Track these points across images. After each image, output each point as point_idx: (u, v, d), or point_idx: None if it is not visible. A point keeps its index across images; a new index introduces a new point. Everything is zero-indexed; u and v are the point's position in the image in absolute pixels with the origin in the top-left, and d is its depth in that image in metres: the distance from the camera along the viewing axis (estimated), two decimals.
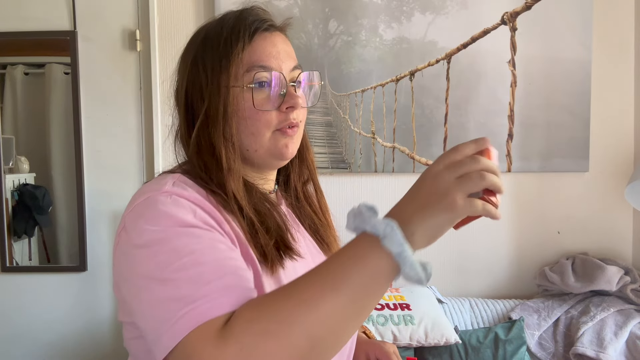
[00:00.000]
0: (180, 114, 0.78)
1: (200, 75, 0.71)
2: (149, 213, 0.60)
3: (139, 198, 0.64)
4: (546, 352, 1.69)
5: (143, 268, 0.57)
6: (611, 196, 1.98)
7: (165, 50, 1.94)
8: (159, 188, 0.63)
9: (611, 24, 1.95)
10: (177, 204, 0.60)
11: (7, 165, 1.95)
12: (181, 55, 0.78)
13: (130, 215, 0.63)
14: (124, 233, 0.62)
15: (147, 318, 0.55)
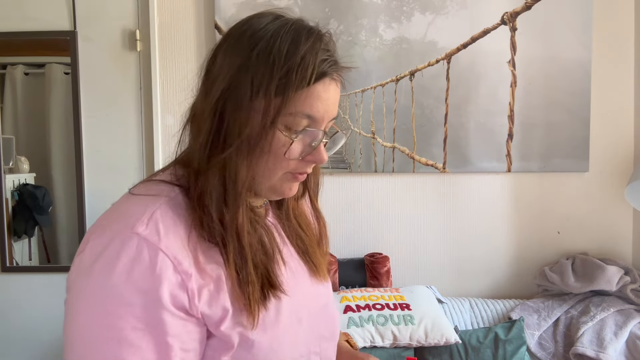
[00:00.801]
0: (207, 118, 0.61)
1: (245, 89, 0.59)
2: (107, 261, 0.53)
3: (112, 222, 0.57)
4: (546, 352, 1.69)
5: (81, 332, 0.53)
6: (611, 196, 1.98)
7: (165, 50, 1.94)
8: (131, 224, 0.56)
9: (611, 24, 1.95)
10: (142, 266, 0.54)
11: (7, 165, 1.95)
12: (223, 47, 0.64)
13: (95, 242, 0.56)
14: (81, 255, 0.56)
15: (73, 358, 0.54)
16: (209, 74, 0.65)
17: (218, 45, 0.65)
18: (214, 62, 0.64)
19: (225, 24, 1.90)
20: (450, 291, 1.98)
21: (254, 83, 0.59)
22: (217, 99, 0.61)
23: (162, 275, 0.54)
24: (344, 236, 1.97)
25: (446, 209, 1.98)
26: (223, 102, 0.60)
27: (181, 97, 1.95)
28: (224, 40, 0.64)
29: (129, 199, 0.61)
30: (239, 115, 0.59)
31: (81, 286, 0.54)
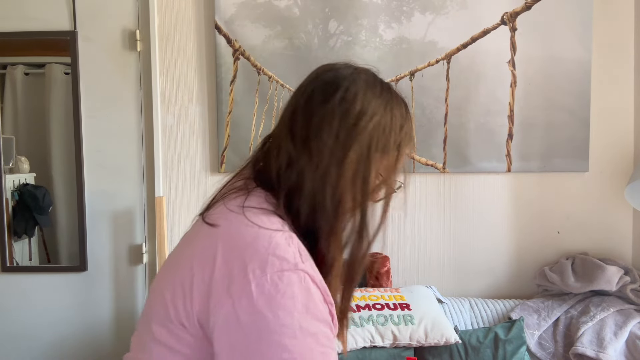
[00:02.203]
0: (347, 171, 0.66)
1: (374, 147, 0.69)
2: (285, 300, 0.57)
3: (268, 265, 0.58)
4: (546, 352, 1.69)
5: (272, 355, 0.56)
6: (611, 196, 1.98)
7: (165, 50, 1.94)
8: (292, 261, 0.59)
9: (611, 24, 1.95)
10: (310, 298, 0.59)
11: (7, 165, 1.95)
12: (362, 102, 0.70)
13: (261, 284, 0.57)
14: (247, 302, 0.57)
15: None
16: (335, 133, 0.67)
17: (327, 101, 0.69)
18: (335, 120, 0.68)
19: (225, 24, 1.90)
20: (450, 291, 1.98)
21: (381, 146, 0.68)
22: (351, 155, 0.66)
23: (323, 305, 0.61)
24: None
25: (446, 209, 1.98)
26: (356, 157, 0.67)
27: (181, 97, 1.96)
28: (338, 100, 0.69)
29: (258, 232, 0.62)
30: (369, 169, 0.68)
31: (263, 326, 0.56)
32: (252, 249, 0.60)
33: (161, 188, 1.94)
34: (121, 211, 1.96)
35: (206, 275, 0.60)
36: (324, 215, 0.66)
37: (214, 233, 0.64)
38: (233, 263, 0.59)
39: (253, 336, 0.56)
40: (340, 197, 0.66)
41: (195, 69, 1.95)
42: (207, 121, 1.96)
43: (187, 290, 0.61)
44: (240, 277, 0.58)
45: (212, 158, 1.96)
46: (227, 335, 0.57)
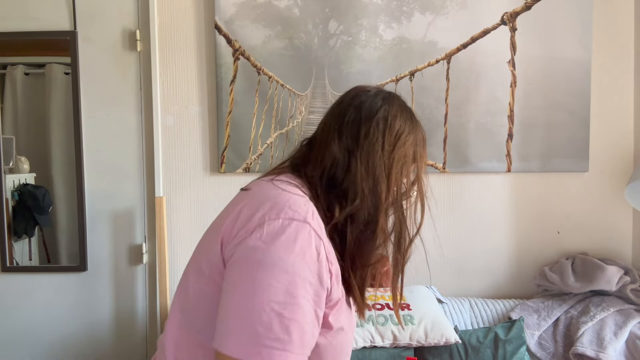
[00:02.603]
0: (383, 180, 0.81)
1: (409, 158, 0.84)
2: (288, 241, 0.68)
3: (282, 212, 0.70)
4: (546, 352, 1.69)
5: (262, 284, 0.66)
6: (611, 196, 1.98)
7: (165, 50, 1.94)
8: (303, 215, 0.71)
9: (611, 24, 1.95)
10: (310, 248, 0.69)
11: (7, 165, 1.95)
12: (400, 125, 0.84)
13: (272, 224, 0.69)
14: (257, 235, 0.68)
15: (240, 321, 0.65)
16: (368, 147, 0.82)
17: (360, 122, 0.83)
18: (368, 137, 0.82)
19: (225, 24, 1.90)
20: (450, 291, 1.98)
21: (409, 157, 0.84)
22: (391, 165, 0.82)
23: (322, 261, 0.70)
24: None
25: (446, 209, 1.98)
26: (387, 169, 0.82)
27: (181, 97, 1.96)
28: (368, 119, 0.83)
29: (284, 193, 0.74)
30: (400, 177, 0.83)
31: (263, 255, 0.67)
32: (272, 200, 0.72)
33: (161, 188, 1.94)
34: (121, 211, 1.96)
35: (232, 221, 0.72)
36: (375, 211, 0.80)
37: (244, 194, 0.79)
38: (254, 209, 0.72)
39: (254, 261, 0.67)
40: (386, 196, 0.80)
41: (195, 69, 1.95)
42: (207, 121, 1.96)
43: (217, 236, 0.73)
44: (257, 218, 0.70)
45: (212, 158, 1.96)
46: (236, 261, 0.69)
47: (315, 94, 1.93)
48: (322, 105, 1.93)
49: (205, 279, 0.74)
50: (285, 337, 0.65)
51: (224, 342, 0.65)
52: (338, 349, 0.78)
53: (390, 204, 0.82)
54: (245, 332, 0.64)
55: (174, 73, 1.95)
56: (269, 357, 0.63)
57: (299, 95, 1.93)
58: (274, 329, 0.64)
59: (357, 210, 0.79)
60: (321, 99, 1.93)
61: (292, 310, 0.66)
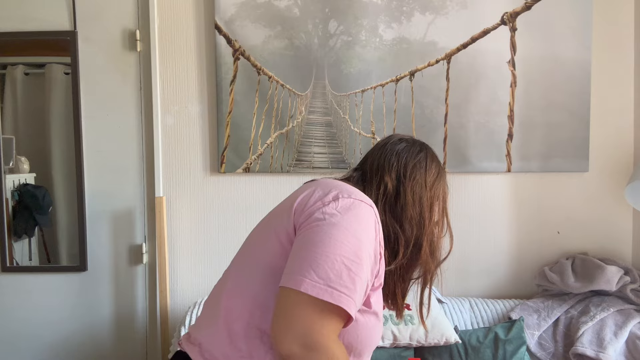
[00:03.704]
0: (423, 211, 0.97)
1: (440, 196, 1.02)
2: (357, 215, 0.80)
3: (352, 194, 0.83)
4: (546, 352, 1.69)
5: (336, 241, 0.76)
6: (611, 196, 1.98)
7: (165, 50, 1.94)
8: (369, 202, 0.84)
9: (611, 24, 1.95)
10: (372, 227, 0.81)
11: (7, 165, 1.95)
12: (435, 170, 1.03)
13: (344, 201, 0.81)
14: (333, 206, 0.80)
15: (315, 264, 0.74)
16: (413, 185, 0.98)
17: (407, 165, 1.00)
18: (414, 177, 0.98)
19: (225, 24, 1.90)
20: (450, 291, 1.98)
21: (440, 192, 1.02)
22: (432, 197, 0.99)
23: (379, 241, 0.83)
24: None
25: None
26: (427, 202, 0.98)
27: (181, 97, 1.96)
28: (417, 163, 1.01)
29: (350, 186, 0.87)
30: (434, 208, 0.99)
31: (338, 220, 0.78)
32: (344, 187, 0.85)
33: (161, 188, 1.94)
34: (121, 211, 1.96)
35: (306, 197, 0.83)
36: (420, 234, 0.95)
37: (311, 183, 0.89)
38: (329, 189, 0.83)
39: (329, 223, 0.78)
40: (428, 222, 0.96)
41: (195, 69, 1.95)
42: (207, 121, 1.96)
43: (288, 210, 0.84)
44: (332, 195, 0.82)
45: (212, 158, 1.96)
46: (311, 222, 0.79)
47: (315, 94, 1.93)
48: (322, 105, 1.93)
49: (271, 242, 0.83)
50: (351, 286, 0.74)
51: (299, 281, 0.73)
52: (372, 331, 0.86)
53: (431, 230, 0.98)
54: (319, 275, 0.73)
55: (174, 73, 1.95)
56: (338, 298, 0.73)
57: (299, 95, 1.93)
58: (343, 277, 0.74)
59: (408, 230, 0.93)
60: (321, 99, 1.93)
61: (357, 268, 0.76)
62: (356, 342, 0.84)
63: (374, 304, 0.85)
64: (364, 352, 0.87)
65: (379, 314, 0.88)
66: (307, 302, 0.72)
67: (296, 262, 0.76)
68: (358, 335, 0.83)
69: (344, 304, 0.73)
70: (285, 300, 0.74)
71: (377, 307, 0.87)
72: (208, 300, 0.93)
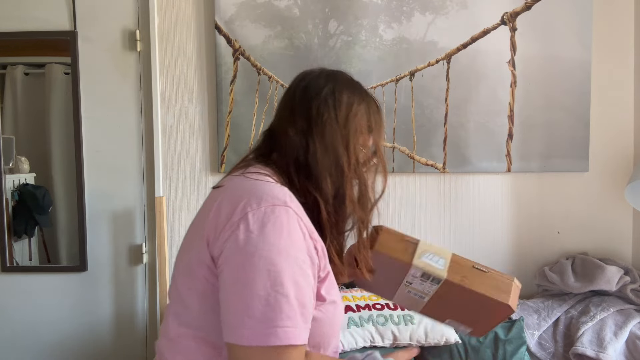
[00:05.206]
0: (343, 154, 0.84)
1: (364, 129, 0.89)
2: (275, 227, 0.71)
3: (262, 200, 0.72)
4: (546, 352, 1.69)
5: (262, 272, 0.68)
6: (611, 196, 1.98)
7: (165, 50, 1.94)
8: (282, 199, 0.73)
9: (611, 24, 1.95)
10: (296, 229, 0.72)
11: (7, 165, 1.95)
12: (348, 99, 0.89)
13: (256, 214, 0.71)
14: (245, 228, 0.70)
15: (249, 311, 0.67)
16: (322, 123, 0.84)
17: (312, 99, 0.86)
18: (324, 114, 0.84)
19: (225, 24, 1.90)
20: None
21: (364, 128, 0.89)
22: (341, 140, 0.84)
23: (308, 239, 0.74)
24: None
25: (446, 209, 1.98)
26: (345, 143, 0.84)
27: (181, 97, 1.96)
28: (324, 97, 0.86)
29: (260, 183, 0.77)
30: (358, 149, 0.85)
31: (255, 245, 0.69)
32: (250, 191, 0.75)
33: (161, 188, 1.94)
34: (121, 211, 1.96)
35: (214, 218, 0.74)
36: (341, 183, 0.82)
37: (218, 191, 0.80)
38: (235, 203, 0.73)
39: (249, 252, 0.69)
40: (347, 168, 0.83)
41: (195, 69, 1.95)
42: (207, 121, 1.96)
43: (201, 236, 0.75)
44: (240, 210, 0.72)
45: (212, 158, 1.96)
46: (229, 256, 0.70)
47: None
48: None
49: (196, 279, 0.75)
50: (293, 314, 0.68)
51: (239, 334, 0.67)
52: (333, 321, 0.82)
53: (354, 174, 0.85)
54: (257, 320, 0.67)
55: (174, 73, 1.95)
56: (285, 336, 0.67)
57: None
58: (283, 309, 0.67)
59: (325, 186, 0.81)
60: None
61: (294, 290, 0.69)
62: (322, 338, 0.80)
63: (328, 295, 0.80)
64: (331, 340, 0.84)
65: (336, 299, 0.82)
66: (256, 353, 0.67)
67: (230, 311, 0.69)
68: (323, 332, 0.80)
69: (292, 339, 0.67)
70: (235, 357, 0.68)
71: (332, 295, 0.81)
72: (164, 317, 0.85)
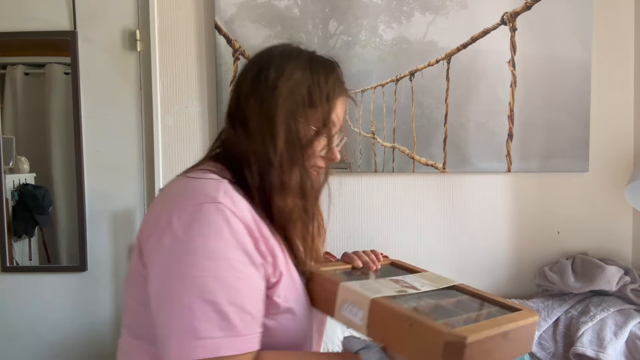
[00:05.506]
0: (280, 131, 0.74)
1: (301, 103, 0.76)
2: (202, 227, 0.65)
3: (190, 199, 0.67)
4: (546, 352, 1.69)
5: (187, 279, 0.63)
6: (611, 196, 1.98)
7: (165, 50, 1.94)
8: (212, 195, 0.67)
9: (611, 23, 1.95)
10: (227, 226, 0.66)
11: (7, 165, 1.95)
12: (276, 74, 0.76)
13: (181, 215, 0.66)
14: (169, 230, 0.65)
15: (174, 322, 0.63)
16: (262, 97, 0.76)
17: (260, 72, 0.77)
18: (265, 87, 0.75)
19: (225, 24, 1.90)
20: None
21: (307, 100, 0.76)
22: (279, 116, 0.74)
23: (243, 236, 0.67)
24: (344, 236, 1.98)
25: (446, 209, 1.98)
26: (285, 118, 0.74)
27: (181, 97, 1.96)
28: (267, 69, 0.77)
29: (193, 181, 0.71)
30: (299, 125, 0.75)
31: (180, 249, 0.64)
32: (179, 191, 0.70)
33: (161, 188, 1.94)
34: (121, 211, 1.96)
35: (145, 223, 0.71)
36: (273, 173, 0.74)
37: (159, 195, 0.76)
38: (161, 206, 0.70)
39: (174, 257, 0.64)
40: (281, 153, 0.74)
41: (195, 69, 1.95)
42: (207, 121, 1.96)
43: (137, 243, 0.72)
44: (166, 212, 0.67)
45: None
46: (154, 264, 0.67)
47: None
48: None
49: (137, 289, 0.71)
50: (225, 324, 0.62)
51: (167, 349, 0.62)
52: (291, 332, 0.75)
53: (285, 158, 0.74)
54: (184, 332, 0.61)
55: (174, 73, 1.95)
56: (215, 348, 0.61)
57: None
58: (212, 319, 0.62)
59: (254, 175, 0.74)
60: None
61: (226, 295, 0.63)
62: (283, 345, 0.74)
63: (283, 301, 0.72)
64: (299, 348, 0.78)
65: (294, 308, 0.74)
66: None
67: (157, 324, 0.65)
68: (278, 343, 0.73)
69: (224, 350, 0.61)
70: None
71: (288, 302, 0.73)
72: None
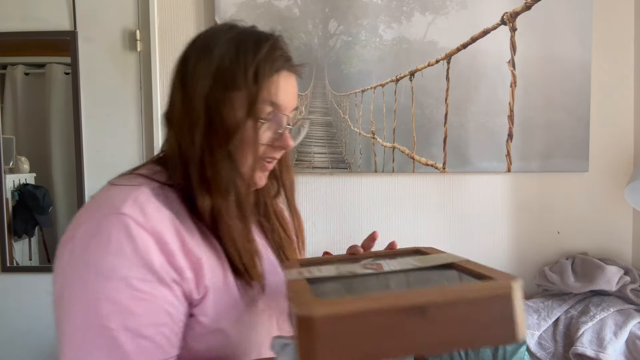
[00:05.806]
0: (199, 118, 0.66)
1: (223, 86, 0.67)
2: (100, 242, 0.58)
3: (95, 210, 0.62)
4: (546, 352, 1.69)
5: (79, 302, 0.58)
6: (611, 196, 1.98)
7: (165, 50, 1.94)
8: (117, 206, 0.60)
9: (611, 23, 1.95)
10: (129, 240, 0.59)
11: (7, 165, 1.95)
12: (193, 57, 0.69)
13: (85, 229, 0.60)
14: (70, 245, 0.61)
15: (64, 350, 0.58)
16: (184, 83, 0.69)
17: (185, 57, 0.71)
18: (186, 72, 0.69)
19: None
20: None
21: (229, 81, 0.66)
22: (198, 101, 0.66)
23: (150, 251, 0.59)
24: (344, 236, 1.98)
25: (446, 209, 1.98)
26: (204, 103, 0.66)
27: None
28: (191, 52, 0.70)
29: (110, 188, 0.66)
30: (221, 110, 0.66)
31: (74, 268, 0.59)
32: (93, 201, 0.64)
33: None
34: None
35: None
36: (192, 168, 0.67)
37: None
38: (77, 215, 0.64)
39: (68, 276, 0.60)
40: (200, 146, 0.66)
41: None
42: None
43: None
44: (72, 227, 0.62)
45: None
46: (53, 284, 0.63)
47: (315, 94, 1.93)
48: (322, 105, 1.93)
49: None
50: (116, 352, 0.56)
51: None
52: (224, 354, 0.67)
53: (207, 146, 0.66)
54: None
55: None
56: None
57: (299, 95, 1.93)
58: (100, 346, 0.56)
59: (182, 168, 0.68)
60: (321, 99, 1.93)
61: (119, 319, 0.57)
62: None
63: (211, 320, 0.65)
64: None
65: (224, 327, 0.66)
66: None
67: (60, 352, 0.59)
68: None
69: None
70: None
71: (216, 321, 0.65)
72: None
